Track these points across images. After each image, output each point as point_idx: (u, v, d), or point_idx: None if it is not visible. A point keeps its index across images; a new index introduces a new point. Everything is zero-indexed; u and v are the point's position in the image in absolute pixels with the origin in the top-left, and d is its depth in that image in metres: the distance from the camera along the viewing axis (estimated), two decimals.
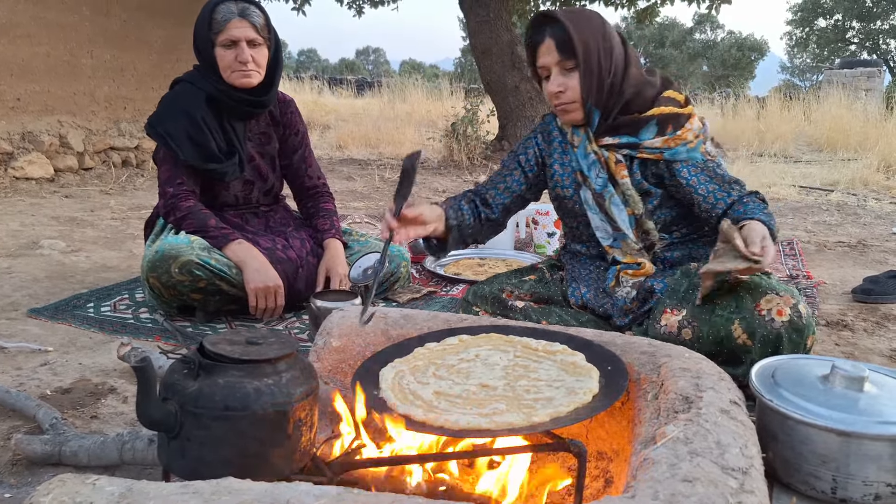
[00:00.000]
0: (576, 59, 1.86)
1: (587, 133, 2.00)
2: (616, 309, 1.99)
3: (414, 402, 1.28)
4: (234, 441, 1.11)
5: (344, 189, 6.03)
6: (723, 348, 1.74)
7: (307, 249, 2.60)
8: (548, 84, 1.93)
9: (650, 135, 1.94)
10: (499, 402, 1.27)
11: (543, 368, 1.38)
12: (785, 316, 1.68)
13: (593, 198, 2.02)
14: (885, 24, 30.90)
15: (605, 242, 2.05)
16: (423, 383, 1.36)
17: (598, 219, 2.04)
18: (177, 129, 2.39)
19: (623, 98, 1.92)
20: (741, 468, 1.04)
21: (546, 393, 1.29)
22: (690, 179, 1.92)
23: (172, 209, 2.41)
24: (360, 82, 21.57)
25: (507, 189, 2.14)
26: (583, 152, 2.01)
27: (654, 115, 1.93)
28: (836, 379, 1.34)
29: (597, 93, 1.90)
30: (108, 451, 1.48)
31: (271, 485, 0.98)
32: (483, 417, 1.21)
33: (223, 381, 1.12)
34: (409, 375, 1.40)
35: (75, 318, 2.45)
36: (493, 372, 1.38)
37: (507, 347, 1.48)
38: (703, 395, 1.23)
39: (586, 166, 2.01)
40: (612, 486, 1.34)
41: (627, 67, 1.92)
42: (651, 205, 2.00)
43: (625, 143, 1.96)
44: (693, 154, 1.93)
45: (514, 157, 2.16)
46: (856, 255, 3.68)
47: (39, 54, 5.64)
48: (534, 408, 1.23)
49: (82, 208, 4.69)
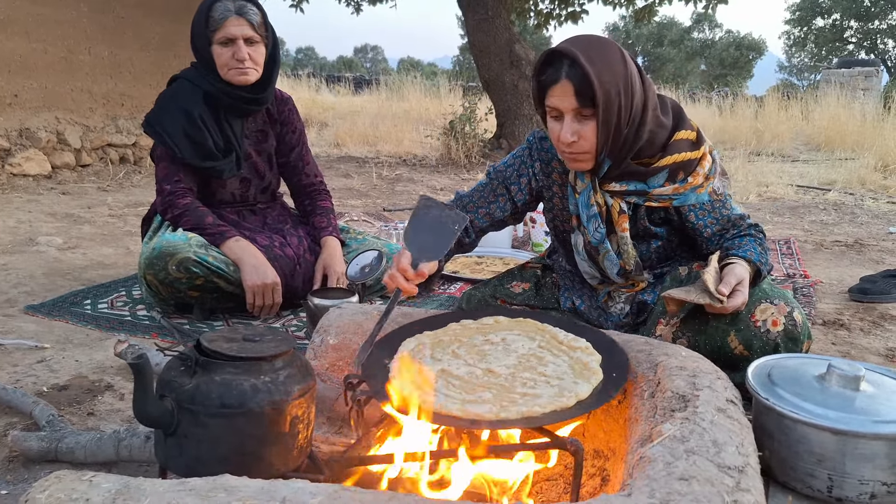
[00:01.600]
0: (594, 109, 1.65)
1: (593, 181, 1.83)
2: (610, 324, 1.97)
3: (412, 378, 1.29)
4: (230, 438, 1.11)
5: (342, 187, 6.02)
6: (719, 357, 1.72)
7: (304, 247, 2.59)
8: (557, 127, 1.71)
9: (660, 182, 1.80)
10: (489, 390, 1.27)
11: (555, 363, 1.38)
12: (780, 326, 1.68)
13: (585, 246, 1.91)
14: (884, 23, 30.94)
15: (592, 282, 2.00)
16: (436, 359, 1.38)
17: (586, 265, 1.95)
18: (174, 127, 2.39)
19: (637, 145, 1.75)
20: (737, 467, 1.04)
21: (538, 389, 1.29)
22: (697, 223, 1.85)
23: (170, 206, 2.40)
24: (357, 80, 21.47)
25: (489, 215, 2.00)
26: (585, 201, 1.85)
27: (667, 165, 1.78)
28: (833, 378, 1.34)
29: (612, 144, 1.71)
30: (104, 448, 1.48)
31: (267, 482, 0.98)
32: (459, 403, 1.23)
33: (220, 379, 1.12)
34: (428, 349, 1.41)
35: (72, 314, 2.44)
36: (508, 359, 1.39)
37: (535, 335, 1.48)
38: (700, 393, 1.23)
39: (586, 216, 1.86)
40: (609, 485, 1.34)
41: (645, 112, 1.72)
42: (655, 245, 1.92)
43: (633, 190, 1.81)
44: (701, 197, 1.81)
45: (503, 181, 1.98)
46: (853, 255, 3.68)
47: (37, 50, 5.62)
48: (515, 402, 1.24)
49: (79, 205, 4.69)
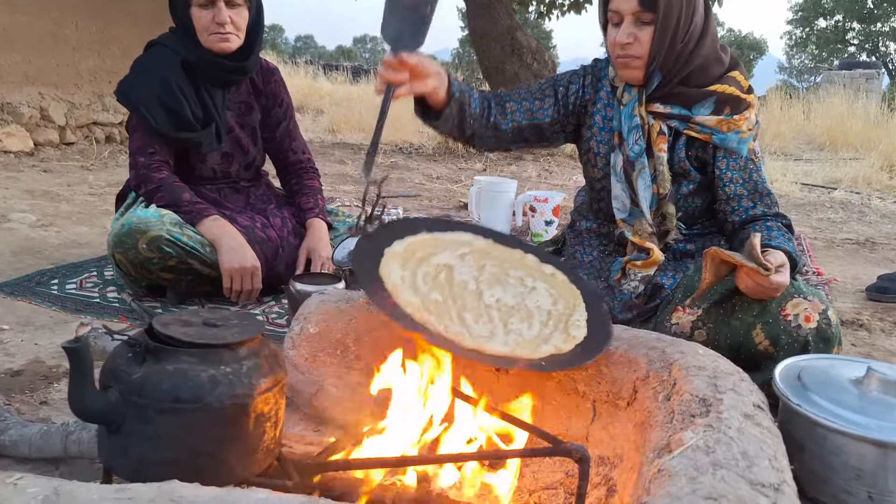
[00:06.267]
0: (655, 14, 1.69)
1: (640, 94, 1.83)
2: (619, 303, 1.85)
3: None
4: (183, 438, 0.98)
5: (335, 172, 5.88)
6: (740, 354, 1.60)
7: (288, 229, 2.45)
8: (615, 31, 1.75)
9: (705, 112, 1.79)
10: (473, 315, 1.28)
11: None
12: (813, 322, 1.54)
13: (623, 164, 1.85)
14: (886, 26, 30.95)
15: (619, 215, 1.90)
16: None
17: (619, 187, 1.87)
18: (149, 95, 2.23)
19: (689, 68, 1.77)
20: (772, 484, 0.91)
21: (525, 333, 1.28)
22: (724, 174, 1.80)
23: (144, 180, 2.24)
24: (355, 69, 21.39)
25: (530, 112, 1.92)
26: (629, 113, 1.84)
27: (715, 92, 1.78)
28: (873, 383, 1.20)
29: (666, 55, 1.74)
30: (51, 443, 1.35)
31: (224, 491, 0.86)
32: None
33: (172, 368, 0.98)
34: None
35: (36, 294, 2.28)
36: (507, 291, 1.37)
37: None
38: (724, 397, 1.11)
39: (627, 129, 1.84)
40: (616, 496, 1.20)
41: (703, 37, 1.76)
42: (686, 189, 1.85)
43: (676, 114, 1.80)
44: (742, 146, 1.79)
45: (553, 84, 1.95)
46: (866, 253, 3.59)
47: (21, 23, 5.45)
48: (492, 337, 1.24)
49: (59, 183, 4.51)
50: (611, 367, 1.30)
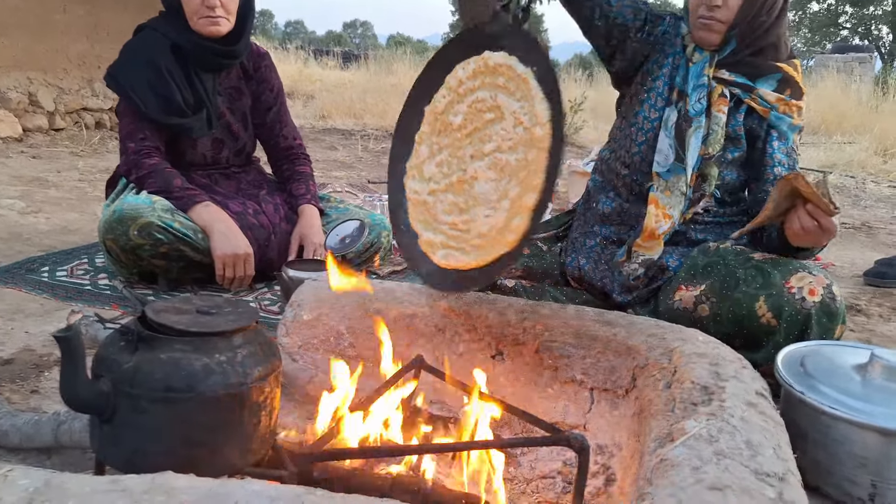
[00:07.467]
0: None
1: (711, 57, 1.83)
2: (617, 284, 1.83)
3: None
4: (176, 428, 0.96)
5: (326, 158, 5.84)
6: (742, 329, 1.59)
7: (280, 215, 2.42)
8: None
9: (768, 87, 1.81)
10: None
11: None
12: (817, 296, 1.53)
13: (677, 121, 1.84)
14: (878, 9, 30.84)
15: (658, 168, 1.85)
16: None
17: (667, 142, 1.84)
18: (139, 80, 2.19)
19: (764, 41, 1.80)
20: (777, 473, 0.90)
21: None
22: (775, 154, 1.81)
23: (134, 166, 2.21)
24: (346, 54, 21.24)
25: (620, 2, 1.90)
26: (697, 71, 1.84)
27: (781, 70, 1.82)
28: (876, 369, 1.18)
29: (747, 25, 1.76)
30: (42, 432, 1.32)
31: (218, 482, 0.83)
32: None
33: (166, 357, 0.96)
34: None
35: (26, 282, 2.25)
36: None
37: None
38: (726, 384, 1.10)
39: (692, 86, 1.84)
40: (616, 486, 1.19)
41: (781, 14, 1.80)
42: (731, 155, 1.84)
43: (740, 82, 1.82)
44: (790, 133, 1.82)
45: (647, 9, 1.94)
46: (862, 238, 3.58)
47: (8, 7, 5.36)
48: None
49: (49, 169, 4.46)
50: (609, 354, 1.29)
